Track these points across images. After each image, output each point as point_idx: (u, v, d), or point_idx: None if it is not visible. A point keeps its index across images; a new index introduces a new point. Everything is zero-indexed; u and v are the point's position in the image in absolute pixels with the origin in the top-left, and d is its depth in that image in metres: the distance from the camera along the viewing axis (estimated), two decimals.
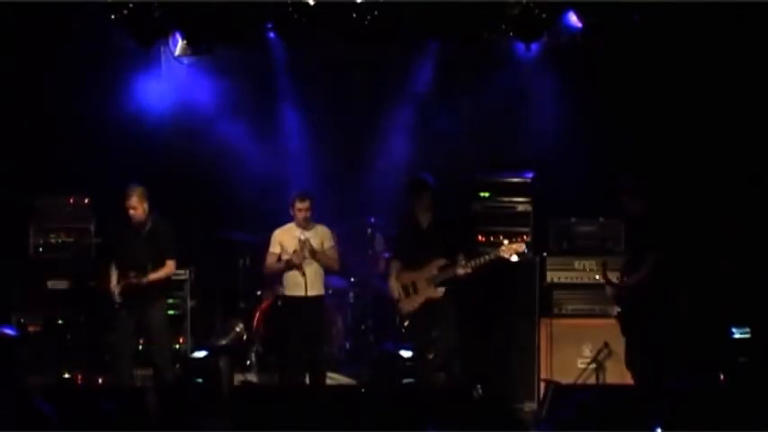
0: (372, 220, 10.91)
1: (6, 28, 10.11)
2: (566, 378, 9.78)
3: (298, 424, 5.86)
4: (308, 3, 9.95)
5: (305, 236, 9.55)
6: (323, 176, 11.07)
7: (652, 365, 8.95)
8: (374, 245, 10.95)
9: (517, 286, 10.29)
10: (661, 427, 5.35)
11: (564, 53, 10.53)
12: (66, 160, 10.68)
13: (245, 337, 10.63)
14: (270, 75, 11.09)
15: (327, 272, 9.82)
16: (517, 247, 9.36)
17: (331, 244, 9.72)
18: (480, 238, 10.39)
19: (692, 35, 10.10)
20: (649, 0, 9.69)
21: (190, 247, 10.94)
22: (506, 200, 10.56)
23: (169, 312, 10.46)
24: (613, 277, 9.23)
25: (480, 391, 7.71)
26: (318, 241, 9.61)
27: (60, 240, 10.32)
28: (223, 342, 10.66)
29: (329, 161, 11.18)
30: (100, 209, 10.48)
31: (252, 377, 10.35)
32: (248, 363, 10.46)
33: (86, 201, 10.50)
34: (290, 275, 9.62)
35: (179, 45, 10.66)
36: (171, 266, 9.52)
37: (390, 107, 11.08)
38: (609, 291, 9.32)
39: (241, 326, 10.68)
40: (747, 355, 9.64)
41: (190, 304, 10.56)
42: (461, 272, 9.32)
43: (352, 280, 10.93)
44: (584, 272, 10.30)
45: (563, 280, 10.33)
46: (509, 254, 9.34)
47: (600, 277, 9.37)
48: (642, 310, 9.03)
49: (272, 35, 10.44)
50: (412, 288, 9.52)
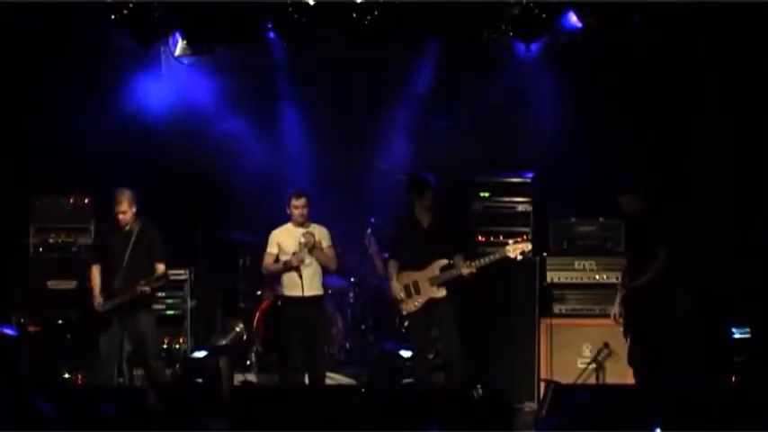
0: (372, 220, 10.91)
1: (6, 28, 10.10)
2: (566, 378, 9.78)
3: (298, 424, 5.86)
4: (308, 3, 9.94)
5: (305, 234, 9.53)
6: (323, 176, 11.06)
7: (652, 365, 8.95)
8: (369, 246, 10.94)
9: (517, 286, 10.30)
10: (661, 428, 5.35)
11: (564, 53, 10.53)
12: (67, 160, 10.67)
13: (245, 337, 10.63)
14: (270, 75, 11.07)
15: (326, 271, 9.80)
16: (523, 246, 9.38)
17: (329, 243, 9.70)
18: (480, 238, 10.40)
19: (693, 35, 10.10)
20: (649, 0, 9.69)
21: (190, 247, 10.97)
22: (506, 200, 10.56)
23: (169, 312, 10.51)
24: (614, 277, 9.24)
25: (480, 392, 7.68)
26: (317, 239, 9.60)
27: (60, 240, 10.32)
28: (223, 342, 10.66)
29: (329, 161, 11.17)
30: (100, 209, 10.48)
31: (252, 377, 10.35)
32: (248, 363, 10.46)
33: (86, 201, 10.50)
34: (288, 276, 9.60)
35: (179, 45, 10.65)
36: (162, 270, 9.44)
37: (390, 107, 11.07)
38: (619, 294, 9.32)
39: (241, 326, 10.68)
40: (747, 355, 9.64)
41: (190, 304, 10.57)
42: (466, 272, 9.31)
43: (352, 280, 10.94)
44: (584, 272, 10.31)
45: (563, 280, 10.34)
46: (515, 253, 9.35)
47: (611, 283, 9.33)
48: (644, 309, 9.02)
49: (272, 35, 10.42)
50: (414, 288, 9.51)
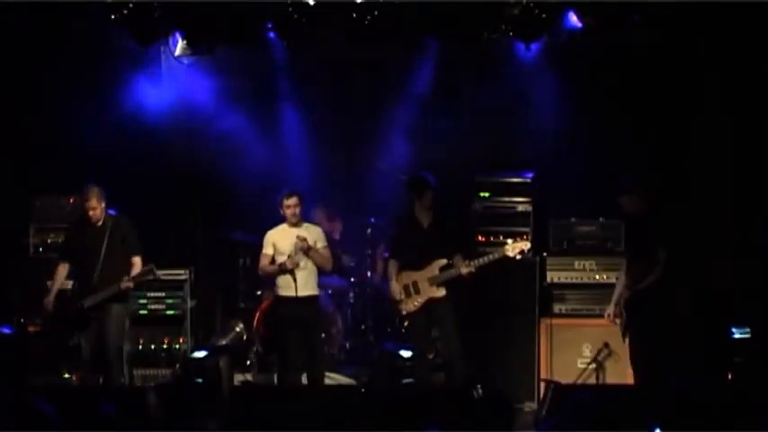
0: (372, 219, 10.91)
1: (6, 28, 10.10)
2: (566, 378, 9.77)
3: (298, 424, 5.86)
4: (308, 3, 9.94)
5: (301, 235, 9.53)
6: (323, 176, 11.07)
7: (652, 365, 8.94)
8: (377, 251, 10.93)
9: (517, 286, 10.30)
10: (661, 428, 5.35)
11: (564, 53, 10.53)
12: (67, 160, 10.67)
13: (245, 337, 10.63)
14: (270, 75, 11.08)
15: (322, 271, 9.78)
16: (522, 245, 9.37)
17: (324, 243, 9.69)
18: (480, 238, 10.40)
19: (693, 35, 10.10)
20: (649, 0, 9.69)
21: (190, 247, 10.97)
22: (506, 200, 10.56)
23: (169, 312, 10.51)
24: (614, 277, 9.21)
25: (480, 392, 7.68)
26: (311, 241, 9.59)
27: (60, 240, 10.32)
28: (223, 342, 10.66)
29: (329, 161, 11.18)
30: None
31: (252, 377, 10.35)
32: (248, 363, 10.46)
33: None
34: (283, 277, 9.58)
35: (179, 45, 10.65)
36: (139, 263, 9.37)
37: (390, 107, 11.07)
38: (615, 294, 9.30)
39: (241, 326, 10.68)
40: (747, 355, 9.64)
41: (190, 304, 10.56)
42: (465, 271, 9.31)
43: (352, 280, 10.94)
44: (584, 272, 10.31)
45: (563, 280, 10.34)
46: (514, 252, 9.35)
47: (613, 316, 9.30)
48: (645, 310, 9.01)
49: (272, 35, 10.42)
50: (413, 288, 9.51)
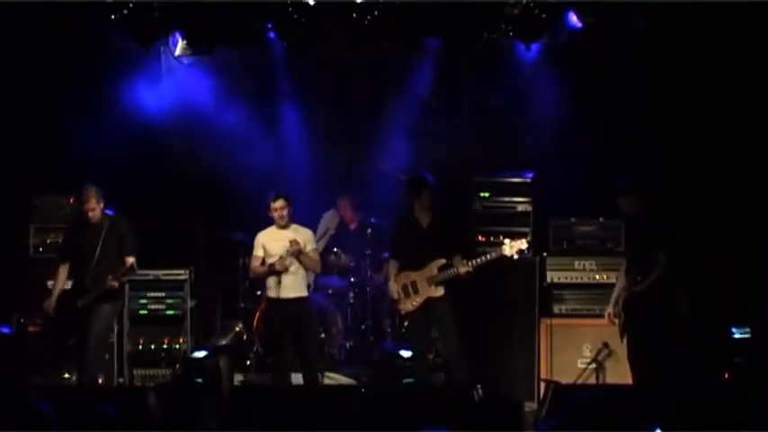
0: (372, 220, 10.91)
1: (7, 28, 10.10)
2: (566, 378, 9.77)
3: (298, 424, 5.85)
4: (308, 3, 9.94)
5: (292, 239, 9.53)
6: (323, 176, 11.08)
7: (652, 365, 8.94)
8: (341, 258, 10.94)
9: (517, 286, 10.30)
10: (661, 428, 5.34)
11: (564, 53, 10.53)
12: (67, 160, 10.67)
13: (245, 337, 10.63)
14: (270, 75, 11.08)
15: (314, 272, 9.86)
16: (520, 244, 9.38)
17: (314, 246, 9.73)
18: (480, 238, 10.40)
19: (693, 35, 10.09)
20: (649, 0, 9.69)
21: (190, 247, 10.97)
22: (506, 200, 10.57)
23: (169, 312, 10.51)
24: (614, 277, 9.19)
25: (480, 392, 7.68)
26: (301, 243, 9.59)
27: (60, 240, 10.32)
28: (223, 342, 10.66)
29: (329, 161, 11.18)
30: None
31: (252, 377, 10.35)
32: (248, 363, 10.46)
33: None
34: (271, 278, 9.63)
35: (179, 45, 10.65)
36: (131, 262, 9.32)
37: (390, 107, 11.08)
38: (614, 294, 9.29)
39: (241, 326, 10.69)
40: (747, 355, 9.64)
41: (190, 304, 10.56)
42: (463, 271, 9.31)
43: (352, 280, 10.94)
44: (584, 272, 10.32)
45: (563, 280, 10.34)
46: (511, 252, 9.35)
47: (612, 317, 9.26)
48: (645, 310, 8.99)
49: (272, 35, 10.41)
50: (412, 288, 9.51)
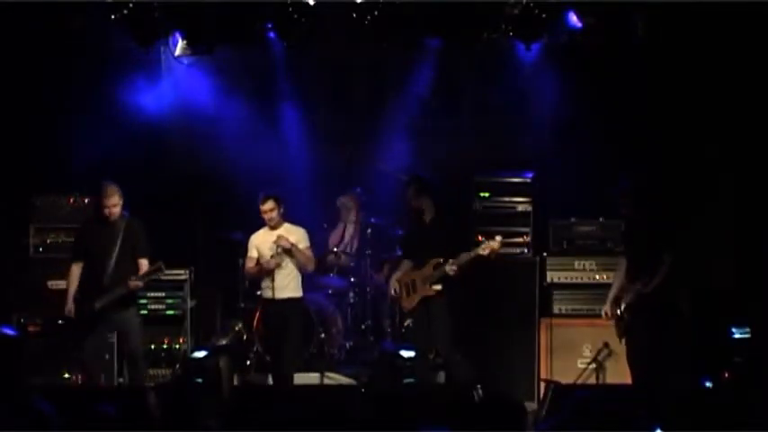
0: (372, 220, 10.91)
1: (6, 28, 10.10)
2: (566, 378, 9.78)
3: (298, 424, 5.85)
4: (308, 3, 9.94)
5: (280, 234, 9.55)
6: (323, 176, 11.08)
7: (652, 365, 8.93)
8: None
9: (517, 286, 10.31)
10: (661, 428, 5.34)
11: (564, 53, 10.53)
12: (67, 160, 10.67)
13: (245, 337, 10.62)
14: (270, 75, 11.09)
15: (305, 271, 9.83)
16: (494, 244, 9.34)
17: (306, 244, 9.72)
18: (480, 238, 10.37)
19: (693, 35, 10.09)
20: (649, 0, 9.69)
21: (190, 247, 10.97)
22: (506, 200, 10.57)
23: (169, 312, 10.51)
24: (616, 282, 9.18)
25: (481, 392, 7.68)
26: (293, 241, 9.62)
27: (60, 240, 10.32)
28: (223, 342, 10.66)
29: (329, 161, 11.18)
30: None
31: (252, 377, 10.35)
32: (248, 363, 10.46)
33: (86, 201, 10.49)
34: (265, 279, 9.66)
35: (179, 45, 10.64)
36: (146, 265, 9.24)
37: (390, 107, 11.08)
38: (612, 292, 9.26)
39: (241, 326, 10.68)
40: (747, 355, 9.63)
41: (190, 304, 10.56)
42: (448, 269, 9.34)
43: (352, 280, 10.93)
44: (584, 272, 10.32)
45: (563, 280, 10.34)
46: (485, 252, 9.33)
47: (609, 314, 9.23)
48: (650, 312, 8.96)
49: (272, 35, 10.41)
50: (411, 287, 9.53)
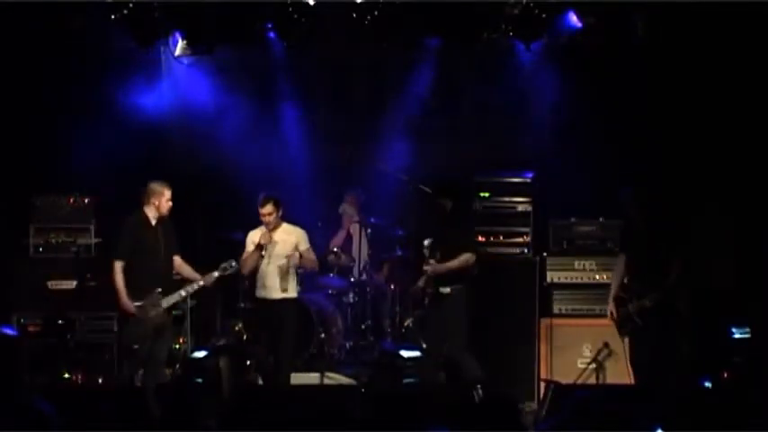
0: (372, 219, 10.90)
1: (6, 28, 10.10)
2: (566, 378, 9.78)
3: (298, 424, 5.85)
4: (308, 3, 9.95)
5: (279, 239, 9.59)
6: (323, 176, 11.07)
7: (653, 365, 8.92)
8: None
9: (517, 286, 10.31)
10: (661, 428, 5.35)
11: (564, 53, 10.53)
12: (67, 160, 10.67)
13: (245, 337, 10.62)
14: (270, 75, 11.09)
15: (304, 271, 9.91)
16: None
17: (306, 246, 9.72)
18: (480, 238, 10.39)
19: (693, 35, 10.10)
20: (649, 0, 9.69)
21: (190, 247, 10.96)
22: (506, 200, 10.57)
23: None
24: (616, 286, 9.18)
25: (481, 392, 7.70)
26: (294, 242, 9.62)
27: (60, 240, 10.32)
28: (223, 342, 10.66)
29: (329, 161, 11.18)
30: (100, 209, 10.49)
31: (252, 377, 10.35)
32: (248, 363, 10.46)
33: (86, 201, 10.50)
34: (259, 277, 9.64)
35: (179, 45, 10.65)
36: (180, 261, 9.46)
37: (390, 107, 11.08)
38: (612, 290, 9.23)
39: (241, 326, 10.68)
40: (747, 355, 9.63)
41: (190, 304, 10.55)
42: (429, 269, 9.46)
43: (352, 280, 10.93)
44: (584, 272, 10.32)
45: (563, 280, 10.34)
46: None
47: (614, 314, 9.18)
48: (661, 317, 8.94)
49: (272, 35, 10.42)
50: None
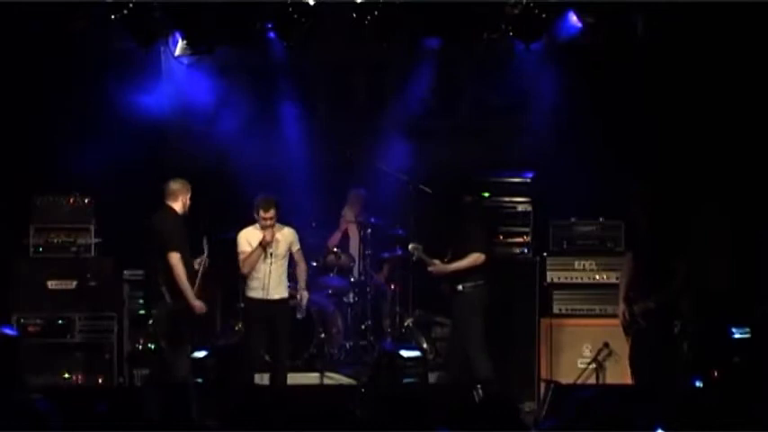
0: (372, 219, 10.90)
1: (7, 28, 10.10)
2: (566, 378, 9.79)
3: (297, 424, 5.85)
4: (308, 3, 9.94)
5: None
6: (323, 176, 11.07)
7: (655, 366, 8.92)
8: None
9: (517, 286, 10.31)
10: (661, 428, 5.35)
11: (564, 53, 10.53)
12: (67, 160, 10.66)
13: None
14: (270, 75, 11.09)
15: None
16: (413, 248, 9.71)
17: (298, 246, 9.74)
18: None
19: (693, 35, 10.09)
20: (649, 0, 9.69)
21: (190, 246, 10.96)
22: (506, 200, 10.57)
23: None
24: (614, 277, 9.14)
25: (481, 392, 7.70)
26: (287, 242, 9.62)
27: (60, 240, 10.32)
28: (223, 342, 10.66)
29: (329, 161, 11.18)
30: (100, 209, 10.49)
31: (251, 377, 10.33)
32: (248, 363, 10.44)
33: (86, 201, 10.50)
34: (257, 278, 9.62)
35: (179, 45, 10.64)
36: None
37: (390, 107, 11.08)
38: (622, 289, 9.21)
39: (241, 326, 10.67)
40: (747, 355, 9.63)
41: None
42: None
43: (352, 280, 10.93)
44: (584, 272, 10.32)
45: (563, 280, 10.34)
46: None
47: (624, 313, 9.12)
48: (664, 320, 8.93)
49: (272, 35, 10.41)
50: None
